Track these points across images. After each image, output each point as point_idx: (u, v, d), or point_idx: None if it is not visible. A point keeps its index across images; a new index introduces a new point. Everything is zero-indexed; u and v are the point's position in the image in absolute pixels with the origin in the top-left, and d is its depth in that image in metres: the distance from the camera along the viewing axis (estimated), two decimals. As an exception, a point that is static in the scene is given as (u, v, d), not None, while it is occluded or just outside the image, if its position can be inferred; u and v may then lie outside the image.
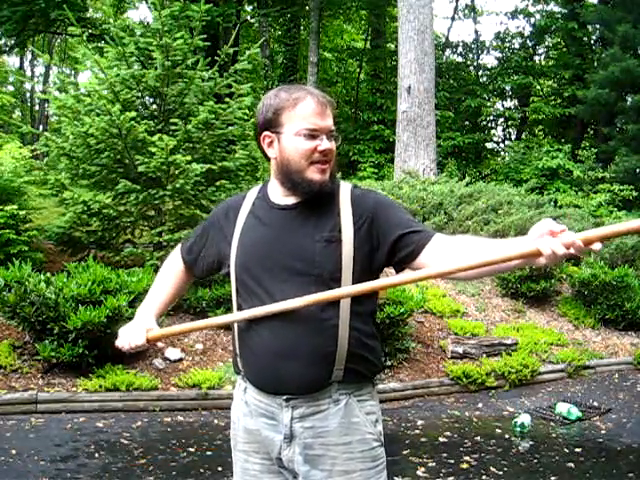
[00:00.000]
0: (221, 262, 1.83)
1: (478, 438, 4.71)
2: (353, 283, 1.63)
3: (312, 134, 1.66)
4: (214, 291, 6.00)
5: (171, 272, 1.97)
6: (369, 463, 1.68)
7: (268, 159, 1.77)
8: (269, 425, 1.71)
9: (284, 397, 1.67)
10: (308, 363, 1.63)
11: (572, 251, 1.34)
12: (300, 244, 1.66)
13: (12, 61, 27.48)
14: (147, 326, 1.83)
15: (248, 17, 19.52)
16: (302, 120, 1.66)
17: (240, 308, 1.73)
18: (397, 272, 1.74)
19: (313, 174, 1.67)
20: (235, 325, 1.76)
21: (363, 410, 1.70)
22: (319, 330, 1.62)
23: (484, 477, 3.96)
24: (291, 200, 1.72)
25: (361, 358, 1.66)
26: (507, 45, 20.21)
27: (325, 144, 1.66)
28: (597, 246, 1.35)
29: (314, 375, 1.64)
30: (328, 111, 1.70)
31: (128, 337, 1.81)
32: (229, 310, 2.32)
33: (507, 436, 4.80)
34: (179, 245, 1.99)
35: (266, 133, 1.72)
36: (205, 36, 6.94)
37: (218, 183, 6.47)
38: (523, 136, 19.85)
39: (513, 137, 20.81)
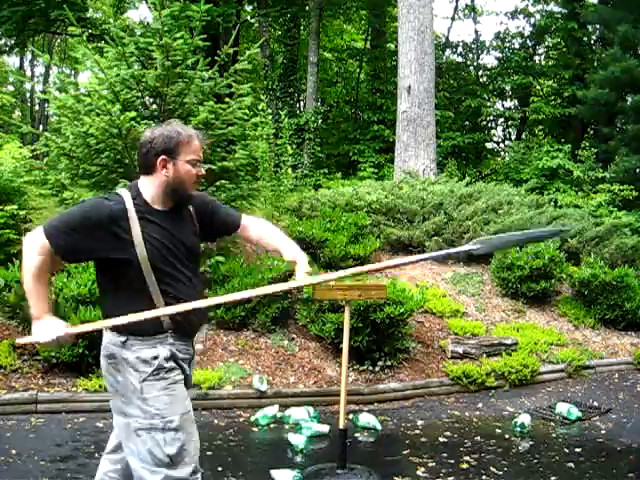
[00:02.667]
0: (110, 256, 2.29)
1: (478, 438, 4.71)
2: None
3: (196, 163, 2.41)
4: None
5: (45, 268, 2.30)
6: None
7: (146, 174, 2.39)
8: (187, 356, 2.47)
9: (194, 337, 2.52)
10: (204, 313, 2.65)
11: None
12: (187, 237, 2.44)
13: (12, 61, 27.47)
14: (61, 323, 2.31)
15: (248, 17, 19.51)
16: (192, 153, 2.40)
17: (165, 292, 2.32)
18: (217, 238, 3.16)
19: (193, 190, 2.46)
20: (161, 302, 2.31)
21: None
22: (202, 289, 2.57)
23: (484, 477, 3.96)
24: (167, 206, 2.41)
25: None
26: (507, 45, 20.18)
27: (202, 171, 2.45)
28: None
29: (204, 316, 2.70)
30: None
31: (49, 332, 2.26)
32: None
33: (507, 436, 4.80)
34: (41, 238, 2.26)
35: (163, 157, 2.35)
36: (205, 36, 6.93)
37: (218, 183, 6.47)
38: (523, 136, 19.84)
39: (513, 137, 20.80)
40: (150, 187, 2.39)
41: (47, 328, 2.25)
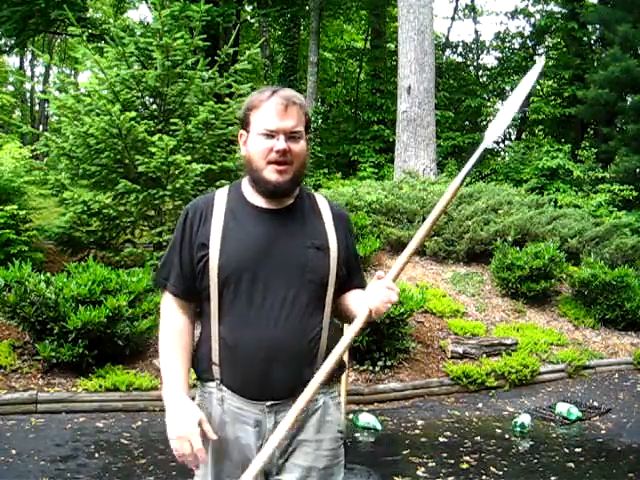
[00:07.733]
0: (195, 261, 1.72)
1: (478, 438, 4.71)
2: (335, 286, 1.73)
3: (270, 134, 1.66)
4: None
5: (178, 332, 1.74)
6: (334, 460, 1.75)
7: None
8: (252, 432, 1.69)
9: (268, 403, 1.67)
10: (293, 365, 1.66)
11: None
12: (292, 249, 1.69)
13: (12, 61, 27.53)
14: (198, 418, 1.64)
15: (248, 17, 19.51)
16: (262, 120, 1.66)
17: (222, 310, 1.67)
18: None
19: (270, 174, 1.68)
20: (215, 333, 1.68)
21: (336, 408, 1.78)
22: (305, 333, 1.67)
23: (484, 477, 3.96)
24: (274, 204, 1.73)
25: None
26: (507, 45, 20.20)
27: (280, 144, 1.65)
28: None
29: (298, 376, 1.65)
30: (292, 111, 1.66)
31: (188, 444, 1.62)
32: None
33: (507, 436, 4.80)
34: (168, 297, 1.77)
35: (241, 131, 1.76)
36: (205, 36, 6.94)
37: (218, 183, 6.47)
38: (523, 136, 19.84)
39: (513, 137, 20.82)
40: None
41: (186, 435, 1.62)
